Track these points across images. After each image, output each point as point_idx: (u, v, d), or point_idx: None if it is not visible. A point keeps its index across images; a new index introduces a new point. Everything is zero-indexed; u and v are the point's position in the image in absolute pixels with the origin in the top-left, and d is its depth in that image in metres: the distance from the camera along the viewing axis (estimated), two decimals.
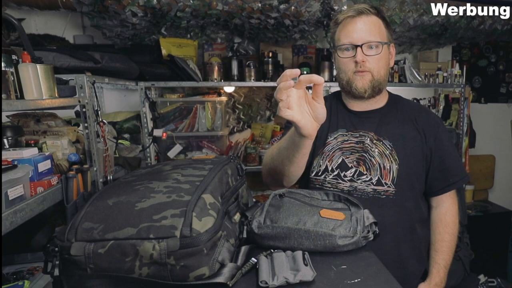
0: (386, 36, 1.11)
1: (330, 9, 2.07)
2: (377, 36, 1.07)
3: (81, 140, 1.46)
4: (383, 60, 1.09)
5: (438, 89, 3.03)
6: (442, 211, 1.17)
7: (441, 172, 1.14)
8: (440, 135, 1.15)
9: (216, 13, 2.02)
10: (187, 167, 0.80)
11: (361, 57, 1.06)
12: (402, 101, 1.21)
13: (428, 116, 1.17)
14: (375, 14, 1.09)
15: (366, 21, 1.07)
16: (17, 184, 0.98)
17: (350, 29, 1.08)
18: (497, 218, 3.17)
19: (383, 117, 1.16)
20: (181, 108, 2.43)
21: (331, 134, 1.17)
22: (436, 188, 1.15)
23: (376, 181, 1.09)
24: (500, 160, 3.50)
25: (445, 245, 1.15)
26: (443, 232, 1.15)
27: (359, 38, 1.06)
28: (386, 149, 1.10)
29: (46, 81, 1.08)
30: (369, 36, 1.06)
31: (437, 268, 1.14)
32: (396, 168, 1.09)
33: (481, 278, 2.81)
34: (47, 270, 0.59)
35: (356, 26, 1.07)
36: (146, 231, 0.57)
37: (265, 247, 0.77)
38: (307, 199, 0.87)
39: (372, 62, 1.07)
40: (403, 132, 1.13)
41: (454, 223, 1.17)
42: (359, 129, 1.15)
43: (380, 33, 1.09)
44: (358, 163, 1.11)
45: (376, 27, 1.08)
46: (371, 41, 1.06)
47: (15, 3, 1.94)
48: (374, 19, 1.09)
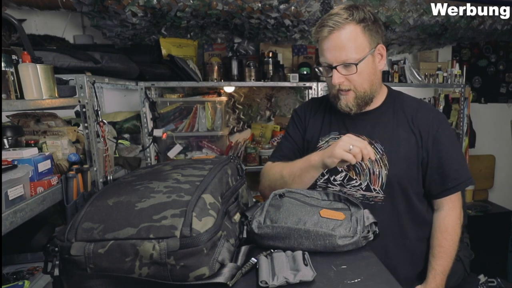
0: (369, 43, 1.02)
1: (330, 9, 2.07)
2: (353, 52, 0.99)
3: (81, 140, 1.46)
4: (364, 73, 1.03)
5: (438, 89, 3.03)
6: (441, 215, 1.12)
7: (440, 175, 1.08)
8: (439, 136, 1.08)
9: (216, 13, 2.02)
10: (187, 167, 0.80)
11: (337, 80, 1.01)
12: (401, 99, 1.15)
13: (427, 115, 1.10)
14: (350, 21, 0.99)
15: (339, 38, 0.99)
16: (17, 184, 0.98)
17: (324, 48, 1.02)
18: (497, 218, 3.17)
19: (377, 119, 1.11)
20: (181, 108, 2.43)
21: (323, 138, 1.15)
22: (435, 191, 1.10)
23: (365, 186, 1.07)
24: (500, 160, 3.50)
25: (442, 251, 1.10)
26: (441, 238, 1.10)
27: (333, 58, 1.00)
28: (377, 153, 1.06)
29: (46, 81, 1.08)
30: (343, 55, 0.99)
31: (434, 274, 1.10)
32: (385, 174, 1.05)
33: (481, 278, 2.81)
34: (47, 270, 0.59)
35: (329, 44, 1.00)
36: (146, 231, 0.58)
37: (265, 247, 0.77)
38: (307, 199, 0.87)
39: (352, 80, 1.02)
40: (397, 134, 1.08)
41: (453, 229, 1.11)
42: (351, 132, 1.09)
43: (357, 46, 1.00)
44: (348, 167, 1.09)
45: (351, 41, 0.99)
46: (345, 61, 1.00)
47: (15, 3, 1.94)
48: (348, 30, 0.99)
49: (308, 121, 1.22)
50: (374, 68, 1.05)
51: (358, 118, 1.12)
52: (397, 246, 1.09)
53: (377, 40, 1.04)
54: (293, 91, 2.80)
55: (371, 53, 1.03)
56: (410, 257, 1.13)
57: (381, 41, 1.06)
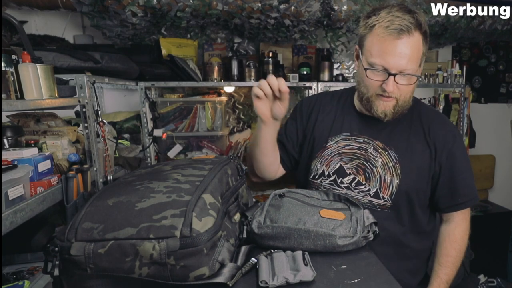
0: (424, 55, 0.97)
1: (330, 9, 2.07)
2: (414, 64, 0.93)
3: (81, 140, 1.46)
4: (414, 85, 0.98)
5: (438, 89, 3.02)
6: (451, 226, 1.12)
7: (450, 189, 1.07)
8: (453, 151, 1.05)
9: (216, 13, 2.02)
10: (187, 167, 0.80)
11: (392, 88, 0.94)
12: (419, 108, 1.11)
13: (443, 128, 1.07)
14: (417, 29, 0.91)
15: (407, 45, 0.90)
16: (17, 184, 0.98)
17: (386, 51, 0.91)
18: (497, 218, 3.16)
19: (394, 126, 1.07)
20: (181, 108, 2.43)
21: (332, 138, 1.12)
22: (443, 205, 1.10)
23: (374, 193, 1.05)
24: (500, 160, 3.50)
25: (450, 261, 1.10)
26: (449, 247, 1.11)
27: (395, 66, 0.92)
28: (390, 160, 1.04)
29: (46, 81, 1.08)
30: (407, 64, 0.92)
31: (439, 282, 1.09)
32: (396, 183, 1.03)
33: (481, 278, 2.81)
34: (47, 270, 0.59)
35: (395, 50, 0.90)
36: (146, 231, 0.58)
37: (265, 247, 0.77)
38: (307, 199, 0.87)
39: (402, 90, 0.96)
40: (412, 144, 1.05)
41: (462, 239, 1.12)
42: (364, 135, 1.08)
43: (418, 57, 0.94)
44: (357, 171, 1.06)
45: (415, 51, 0.92)
46: (406, 71, 0.93)
47: (15, 3, 1.94)
48: (415, 39, 0.91)
49: (314, 119, 1.17)
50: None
51: (374, 122, 1.07)
52: (398, 254, 1.09)
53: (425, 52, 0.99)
54: (293, 91, 2.80)
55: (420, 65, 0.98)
56: (410, 266, 1.13)
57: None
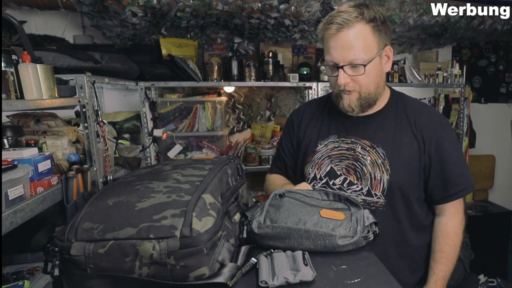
0: (377, 44, 0.98)
1: (330, 9, 2.07)
2: (361, 53, 0.96)
3: (81, 140, 1.46)
4: (371, 75, 1.00)
5: (438, 89, 3.03)
6: (443, 220, 1.11)
7: (442, 180, 1.07)
8: (442, 140, 1.05)
9: (216, 13, 2.02)
10: (187, 167, 0.80)
11: (343, 80, 0.98)
12: (404, 102, 1.12)
13: (430, 119, 1.08)
14: (360, 20, 0.95)
15: (348, 37, 0.94)
16: (17, 184, 0.98)
17: (330, 46, 0.97)
18: (497, 218, 3.16)
19: (380, 123, 1.08)
20: (181, 108, 2.43)
21: (321, 142, 1.13)
22: (436, 197, 1.09)
23: (366, 191, 1.05)
24: (500, 160, 3.50)
25: (444, 256, 1.09)
26: (442, 243, 1.09)
27: (340, 58, 0.96)
28: (378, 157, 1.05)
29: (46, 81, 1.08)
30: (351, 55, 0.95)
31: (435, 279, 1.09)
32: (387, 179, 1.03)
33: (481, 278, 2.81)
34: (47, 270, 0.59)
35: (336, 43, 0.96)
36: (146, 231, 0.58)
37: (265, 247, 0.77)
38: (307, 199, 0.87)
39: (358, 81, 0.99)
40: (399, 139, 1.06)
41: (455, 234, 1.10)
42: (351, 135, 1.09)
43: (366, 46, 0.96)
44: (348, 171, 1.07)
45: (360, 41, 0.95)
46: (353, 61, 0.96)
47: (15, 3, 1.94)
48: (358, 29, 0.95)
49: (305, 127, 1.19)
50: (381, 70, 1.03)
51: (359, 121, 1.09)
52: (397, 252, 1.08)
53: (385, 41, 1.01)
54: (293, 91, 2.80)
55: (379, 55, 1.00)
56: (410, 263, 1.12)
57: (388, 42, 1.03)
